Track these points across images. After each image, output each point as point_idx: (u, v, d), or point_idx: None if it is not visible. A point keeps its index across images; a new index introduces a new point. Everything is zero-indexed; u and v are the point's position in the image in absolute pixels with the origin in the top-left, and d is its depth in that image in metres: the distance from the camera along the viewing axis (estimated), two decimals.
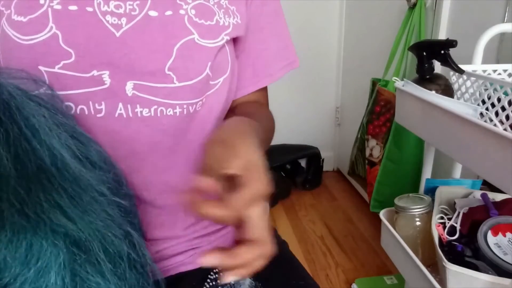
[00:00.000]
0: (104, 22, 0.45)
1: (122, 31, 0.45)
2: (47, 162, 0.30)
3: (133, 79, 0.47)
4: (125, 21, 0.46)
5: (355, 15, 1.95)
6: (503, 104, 0.68)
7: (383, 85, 1.49)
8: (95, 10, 0.45)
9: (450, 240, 0.74)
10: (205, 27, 0.49)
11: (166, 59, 0.47)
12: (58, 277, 0.28)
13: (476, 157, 0.62)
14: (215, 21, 0.50)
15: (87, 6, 0.44)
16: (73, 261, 0.29)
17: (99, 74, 0.45)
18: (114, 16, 0.45)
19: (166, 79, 0.47)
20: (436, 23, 1.26)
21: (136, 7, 0.46)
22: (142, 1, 0.47)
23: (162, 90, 0.48)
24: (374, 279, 1.43)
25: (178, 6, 0.48)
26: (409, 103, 0.83)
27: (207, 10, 0.50)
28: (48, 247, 0.28)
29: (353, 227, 1.78)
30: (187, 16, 0.48)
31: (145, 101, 0.48)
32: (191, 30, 0.48)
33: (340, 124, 2.25)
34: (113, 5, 0.45)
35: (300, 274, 0.60)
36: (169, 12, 0.47)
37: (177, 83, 0.48)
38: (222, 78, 0.54)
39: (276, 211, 1.93)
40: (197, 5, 0.49)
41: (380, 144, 1.46)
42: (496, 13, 1.03)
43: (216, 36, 0.50)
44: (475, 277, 0.63)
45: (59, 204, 0.29)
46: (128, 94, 0.47)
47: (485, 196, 0.79)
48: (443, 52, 0.77)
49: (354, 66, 2.01)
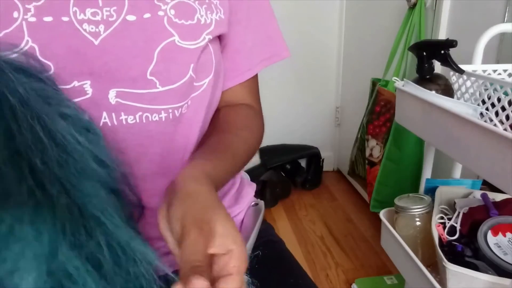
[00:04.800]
0: (82, 31, 0.43)
1: (100, 39, 0.44)
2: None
3: (115, 87, 0.46)
4: (103, 28, 0.44)
5: (355, 15, 1.95)
6: (503, 104, 0.68)
7: (383, 85, 1.49)
8: (71, 19, 0.43)
9: (450, 240, 0.74)
10: (185, 27, 0.48)
11: (148, 63, 0.46)
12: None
13: (476, 157, 0.62)
14: (196, 20, 0.49)
15: (63, 16, 0.43)
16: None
17: (80, 84, 0.44)
18: (91, 24, 0.44)
19: (148, 85, 0.47)
20: (436, 23, 1.26)
21: (113, 13, 0.45)
22: (119, 6, 0.45)
23: (145, 95, 0.47)
24: (374, 279, 1.43)
25: (157, 8, 0.46)
26: (409, 103, 0.83)
27: (187, 8, 0.48)
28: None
29: (353, 227, 1.78)
30: (166, 17, 0.47)
31: (129, 108, 0.47)
32: (171, 32, 0.47)
33: (340, 124, 2.25)
34: (89, 13, 0.44)
35: (296, 273, 0.59)
36: (147, 15, 0.46)
37: (160, 88, 0.47)
38: (207, 79, 0.53)
39: (276, 211, 1.93)
40: (176, 4, 0.47)
41: (380, 144, 1.46)
42: (496, 13, 1.03)
43: (197, 37, 0.49)
44: (475, 277, 0.63)
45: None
46: (111, 102, 0.46)
47: (485, 196, 0.79)
48: (443, 52, 0.77)
49: (354, 66, 2.01)
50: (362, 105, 1.66)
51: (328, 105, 2.23)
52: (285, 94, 2.15)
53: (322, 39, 2.10)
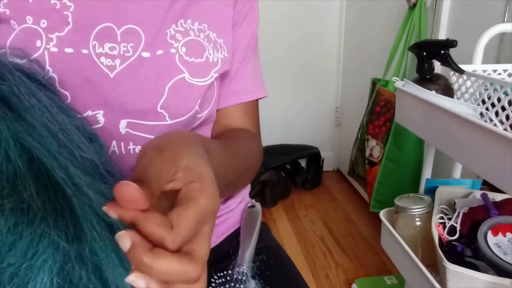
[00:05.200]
0: (99, 63, 0.46)
1: (115, 72, 0.46)
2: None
3: (126, 118, 0.48)
4: (118, 62, 0.46)
5: (355, 15, 1.95)
6: (503, 104, 0.68)
7: (383, 85, 1.49)
8: (90, 52, 0.45)
9: (450, 240, 0.74)
10: (195, 65, 0.50)
11: (159, 97, 0.48)
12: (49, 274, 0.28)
13: (476, 157, 0.63)
14: (205, 58, 0.51)
15: (83, 49, 0.45)
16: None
17: (94, 114, 0.46)
18: (108, 58, 0.46)
19: (158, 117, 0.49)
20: (436, 23, 1.26)
21: (130, 49, 0.47)
22: (136, 43, 0.47)
23: (154, 127, 0.49)
24: (374, 279, 1.43)
25: (169, 45, 0.49)
26: (409, 103, 0.83)
27: (197, 46, 0.51)
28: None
29: (353, 227, 1.78)
30: (177, 55, 0.49)
31: (138, 138, 0.49)
32: (182, 69, 0.49)
33: (340, 124, 2.25)
34: (107, 47, 0.46)
35: (295, 281, 0.60)
36: (160, 52, 0.48)
37: (169, 121, 0.49)
38: (207, 110, 0.55)
39: (276, 211, 1.93)
40: (187, 42, 0.50)
41: (380, 144, 1.46)
42: (496, 13, 1.03)
43: (206, 74, 0.51)
44: (475, 277, 0.63)
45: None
46: (121, 132, 0.48)
47: (485, 196, 0.79)
48: (443, 52, 0.77)
49: (354, 66, 2.01)
50: (362, 105, 1.66)
51: (328, 105, 2.23)
52: (285, 94, 2.15)
53: (322, 39, 2.10)
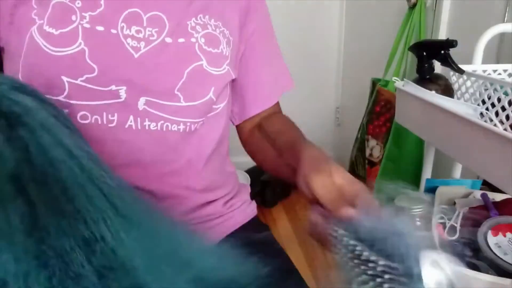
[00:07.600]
0: (125, 44, 0.50)
1: (140, 54, 0.51)
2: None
3: (145, 96, 0.52)
4: (143, 44, 0.51)
5: (355, 15, 1.95)
6: (503, 104, 0.68)
7: (383, 85, 1.49)
8: (118, 32, 0.50)
9: (450, 240, 0.74)
10: (212, 55, 0.55)
11: (177, 80, 0.53)
12: None
13: (476, 157, 0.63)
14: (220, 50, 0.56)
15: (112, 28, 0.50)
16: None
17: (117, 89, 0.50)
18: (134, 40, 0.51)
19: (174, 98, 0.53)
20: (436, 23, 1.26)
21: (154, 34, 0.52)
22: (161, 29, 0.52)
23: (169, 107, 0.53)
24: None
25: (190, 35, 0.54)
26: (409, 103, 0.83)
27: (214, 39, 0.56)
28: None
29: None
30: (197, 44, 0.54)
31: (154, 116, 0.53)
32: (201, 57, 0.54)
33: (340, 124, 2.24)
34: (134, 30, 0.51)
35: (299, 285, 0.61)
36: (181, 39, 0.53)
37: (183, 103, 0.54)
38: (222, 104, 0.60)
39: (276, 211, 1.93)
40: (205, 34, 0.55)
41: (380, 144, 1.46)
42: (496, 13, 1.03)
43: (220, 65, 0.56)
44: (475, 277, 0.63)
45: None
46: (139, 109, 0.52)
47: (485, 196, 0.79)
48: (443, 52, 0.77)
49: (354, 66, 2.01)
50: (362, 105, 1.66)
51: (328, 105, 2.23)
52: (284, 94, 2.14)
53: (322, 38, 2.10)
